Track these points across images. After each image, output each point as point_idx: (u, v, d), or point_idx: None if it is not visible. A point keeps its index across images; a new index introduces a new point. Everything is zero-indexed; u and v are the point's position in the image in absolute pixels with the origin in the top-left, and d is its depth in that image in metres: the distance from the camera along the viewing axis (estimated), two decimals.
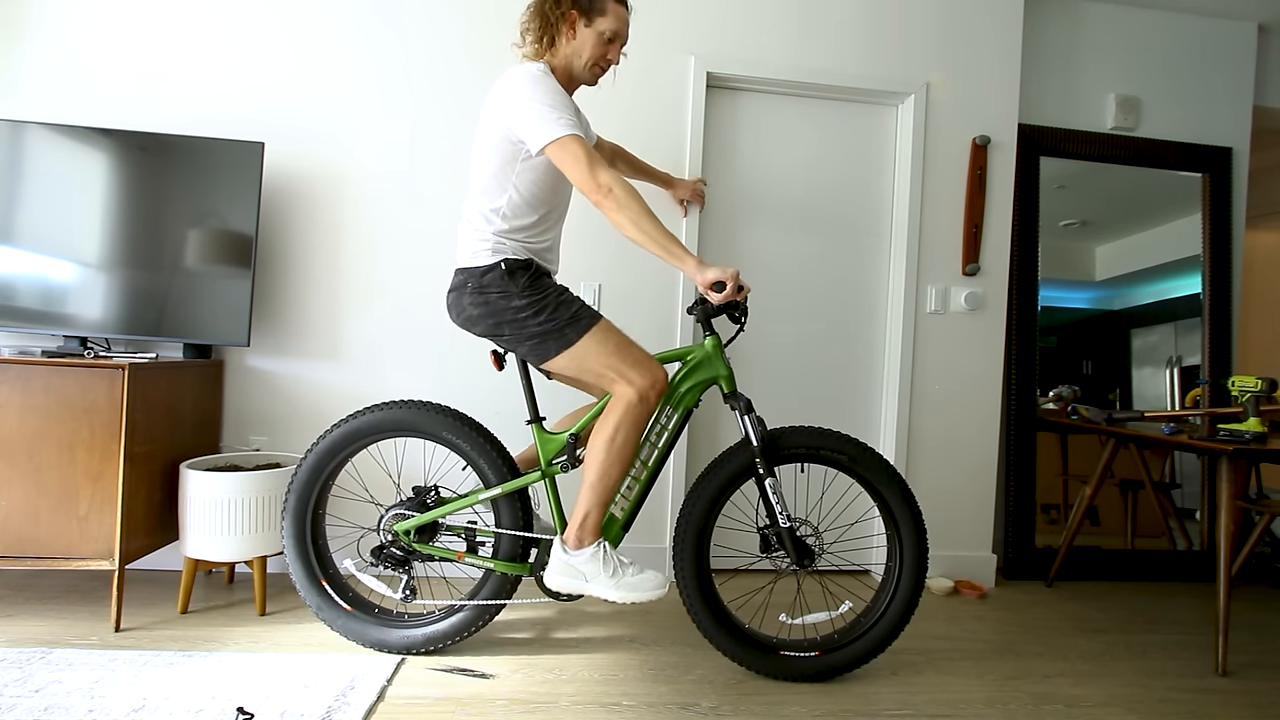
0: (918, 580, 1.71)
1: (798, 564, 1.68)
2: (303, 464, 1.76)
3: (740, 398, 1.68)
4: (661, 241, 1.48)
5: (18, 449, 1.77)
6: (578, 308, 1.61)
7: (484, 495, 1.72)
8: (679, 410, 1.70)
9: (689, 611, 1.71)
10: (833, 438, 1.71)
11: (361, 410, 1.75)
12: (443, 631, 1.75)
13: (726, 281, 1.50)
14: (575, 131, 1.48)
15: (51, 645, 1.72)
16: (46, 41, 2.22)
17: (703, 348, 1.70)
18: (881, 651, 1.72)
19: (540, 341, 1.59)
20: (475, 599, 1.76)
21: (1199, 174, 2.86)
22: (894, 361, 2.55)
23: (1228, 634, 1.95)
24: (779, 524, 1.67)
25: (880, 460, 1.71)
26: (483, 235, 1.61)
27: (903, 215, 2.54)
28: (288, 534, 1.77)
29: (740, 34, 2.44)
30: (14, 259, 2.01)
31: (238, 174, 2.08)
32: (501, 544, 1.75)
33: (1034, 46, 2.73)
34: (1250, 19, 2.86)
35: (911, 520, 1.71)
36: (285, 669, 1.64)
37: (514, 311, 1.59)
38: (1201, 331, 2.84)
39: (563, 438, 1.72)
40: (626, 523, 1.72)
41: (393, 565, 1.75)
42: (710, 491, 1.70)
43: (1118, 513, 2.79)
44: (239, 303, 2.09)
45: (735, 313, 1.64)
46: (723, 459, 1.72)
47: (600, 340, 1.58)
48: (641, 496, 1.71)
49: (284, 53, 2.30)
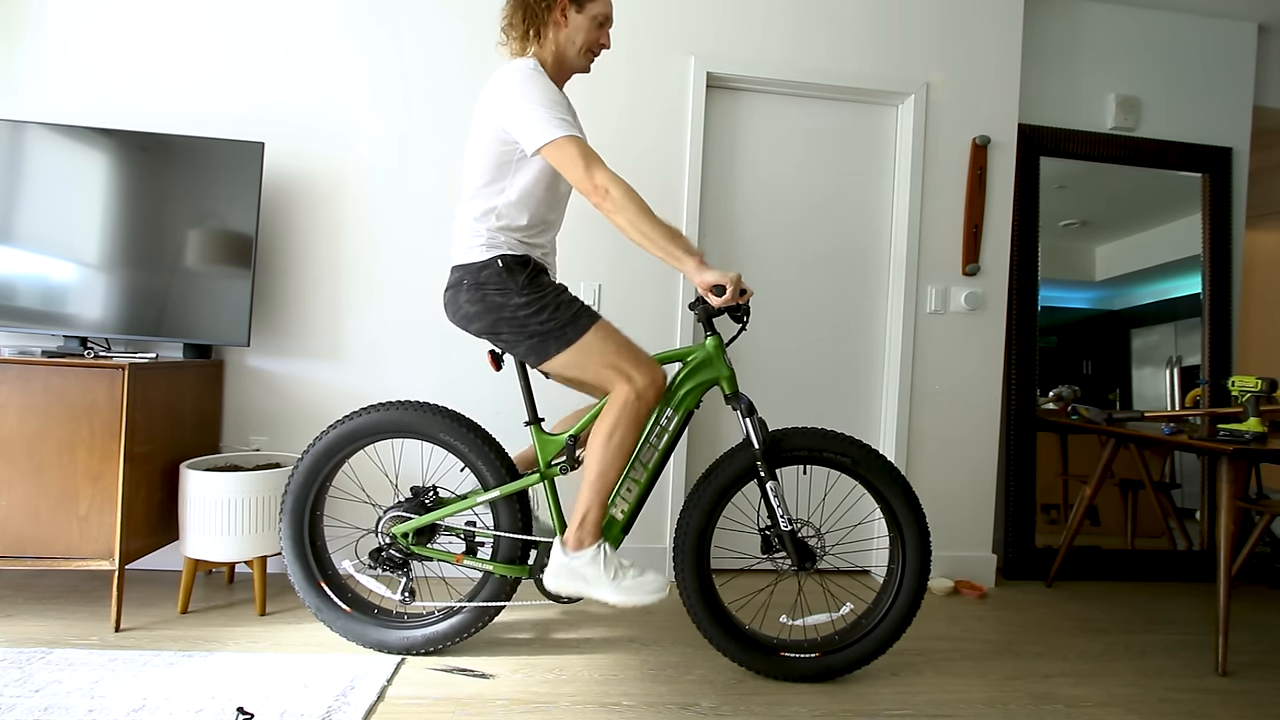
0: (920, 582, 1.70)
1: (799, 566, 1.68)
2: (299, 466, 1.76)
3: (742, 399, 1.67)
4: (661, 243, 1.46)
5: (18, 449, 1.77)
6: (578, 307, 1.60)
7: (482, 497, 1.71)
8: (679, 412, 1.68)
9: (689, 612, 1.71)
10: (836, 439, 1.70)
11: (358, 411, 1.75)
12: (442, 633, 1.75)
13: (727, 285, 1.48)
14: (572, 132, 1.47)
15: (51, 645, 1.72)
16: (46, 41, 2.22)
17: (704, 348, 1.69)
18: (882, 653, 1.72)
19: (540, 340, 1.57)
20: (474, 601, 1.76)
21: (1199, 174, 2.86)
22: (894, 361, 2.55)
23: (1228, 634, 1.95)
24: (780, 526, 1.67)
25: (884, 462, 1.71)
26: (477, 231, 1.59)
27: (903, 215, 2.54)
28: (285, 536, 1.77)
29: (740, 34, 2.44)
30: (14, 259, 2.01)
31: (238, 174, 2.08)
32: (500, 546, 1.74)
33: (1034, 46, 2.73)
34: (1250, 19, 2.86)
35: (915, 522, 1.70)
36: (285, 669, 1.64)
37: (513, 309, 1.57)
38: (1201, 331, 2.84)
39: (562, 439, 1.71)
40: (627, 524, 1.71)
41: (391, 567, 1.74)
42: (711, 493, 1.70)
43: (1118, 513, 2.79)
44: (239, 302, 2.09)
45: (738, 312, 1.63)
46: (724, 460, 1.71)
47: (600, 339, 1.57)
48: (641, 498, 1.71)
49: (283, 52, 2.30)
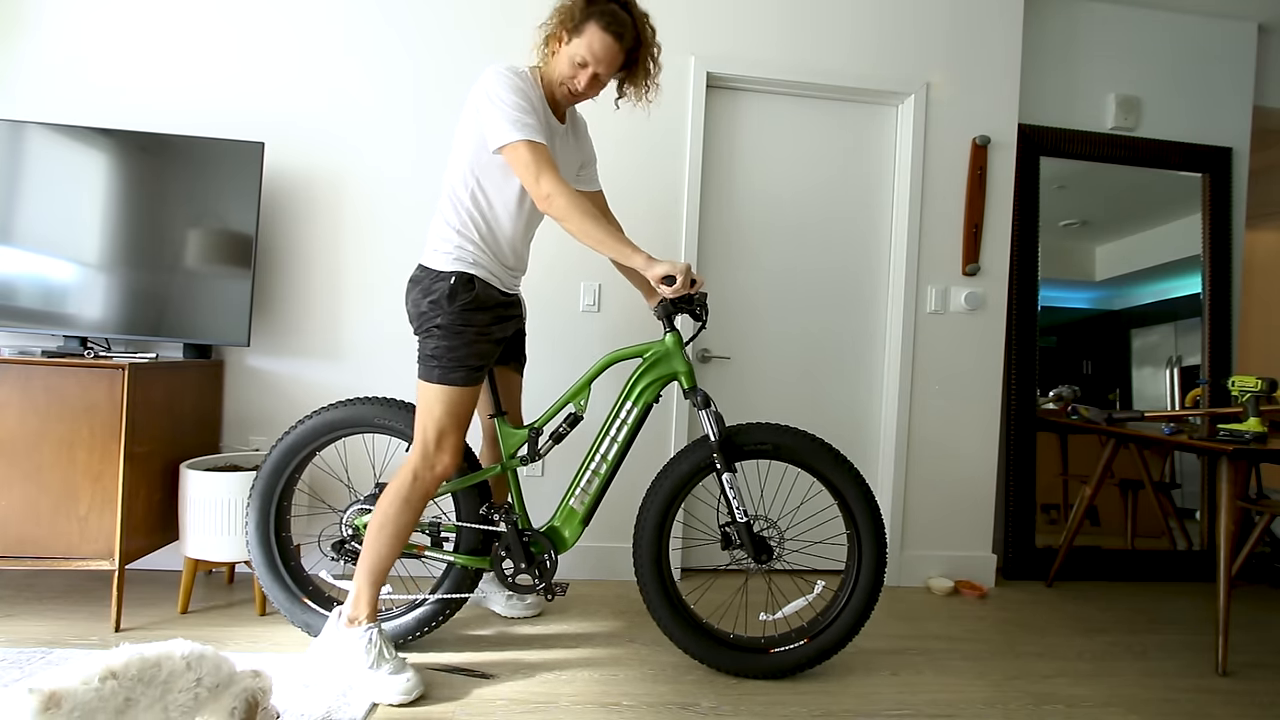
0: (878, 542, 1.71)
1: (755, 560, 1.68)
2: (264, 467, 1.79)
3: (699, 393, 1.68)
4: (610, 244, 1.50)
5: (18, 449, 1.77)
6: (463, 358, 1.58)
7: (444, 489, 1.72)
8: (639, 405, 1.71)
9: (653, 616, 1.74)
10: (787, 433, 1.72)
11: (321, 409, 1.78)
12: (408, 625, 1.76)
13: (676, 275, 1.51)
14: (528, 136, 1.48)
15: (51, 645, 1.71)
16: (46, 41, 2.22)
17: (662, 344, 1.71)
18: (866, 619, 1.72)
19: (422, 362, 1.60)
20: (437, 593, 1.77)
21: (1199, 174, 2.86)
22: (894, 361, 2.55)
23: (1228, 634, 1.95)
24: (736, 520, 1.68)
25: (833, 454, 1.72)
26: (447, 236, 1.60)
27: (903, 215, 2.54)
28: (253, 540, 1.79)
29: (740, 34, 2.44)
30: (14, 259, 2.01)
31: (238, 174, 2.08)
32: (462, 537, 1.77)
33: (1034, 46, 2.73)
34: (1250, 19, 2.86)
35: (855, 485, 1.71)
36: (285, 669, 1.63)
37: (433, 326, 1.58)
38: (1201, 331, 2.84)
39: (524, 431, 1.74)
40: (586, 517, 1.74)
41: (354, 559, 1.74)
42: (669, 488, 1.73)
43: (1118, 513, 2.79)
44: (239, 303, 2.09)
45: (695, 309, 1.66)
46: (681, 455, 1.74)
47: (439, 399, 1.58)
48: (601, 491, 1.73)
49: (283, 52, 2.29)
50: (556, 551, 1.74)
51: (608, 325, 2.42)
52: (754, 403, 2.55)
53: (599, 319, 2.41)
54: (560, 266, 2.38)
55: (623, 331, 2.41)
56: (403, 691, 1.51)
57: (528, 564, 1.73)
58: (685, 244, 2.42)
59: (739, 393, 2.55)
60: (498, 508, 1.75)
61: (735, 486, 1.67)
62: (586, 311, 2.41)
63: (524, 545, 1.73)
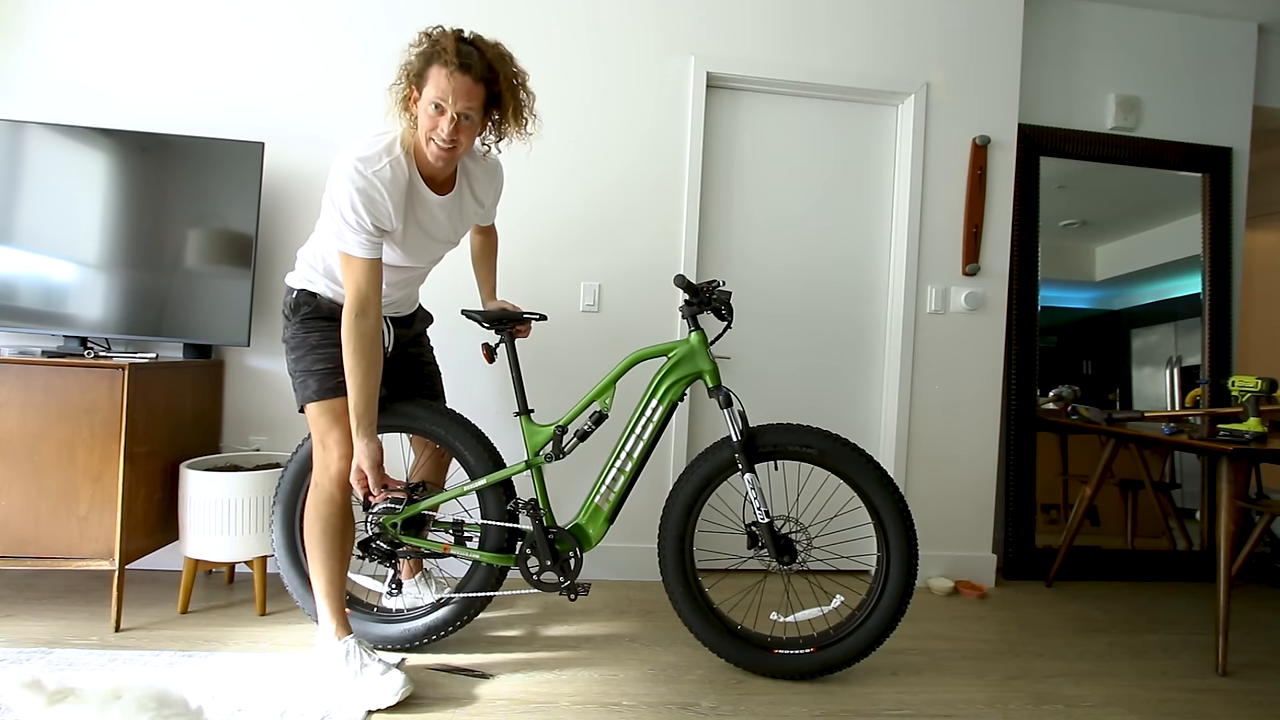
0: (909, 570, 1.68)
1: (777, 559, 1.69)
2: (287, 469, 1.79)
3: (723, 391, 1.69)
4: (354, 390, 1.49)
5: (18, 449, 1.77)
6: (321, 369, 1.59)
7: (469, 487, 1.73)
8: (664, 403, 1.72)
9: (673, 605, 1.75)
10: (807, 433, 1.71)
11: None
12: (441, 620, 1.77)
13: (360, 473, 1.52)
14: (355, 253, 1.47)
15: (51, 645, 1.72)
16: (46, 41, 2.22)
17: (687, 343, 1.72)
18: (879, 644, 1.70)
19: (294, 379, 1.63)
20: (463, 591, 1.77)
21: (1199, 174, 2.86)
22: (894, 361, 2.55)
23: (1228, 634, 1.95)
24: (759, 519, 1.69)
25: (856, 452, 1.70)
26: (306, 258, 1.64)
27: (903, 215, 2.54)
28: (278, 541, 1.79)
29: (740, 34, 2.44)
30: (14, 259, 2.01)
31: (238, 174, 2.08)
32: (488, 535, 1.77)
33: (1034, 46, 2.73)
34: (1250, 19, 2.86)
35: (895, 509, 1.68)
36: (285, 669, 1.64)
37: (287, 338, 1.65)
38: (1201, 331, 2.84)
39: (549, 429, 1.74)
40: (611, 515, 1.74)
41: (379, 558, 1.75)
42: (692, 488, 1.74)
43: (1118, 513, 2.79)
44: (239, 303, 2.09)
45: (720, 308, 1.70)
46: (704, 456, 1.75)
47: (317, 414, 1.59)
48: (626, 489, 1.73)
49: (283, 52, 2.29)
50: (582, 549, 1.75)
51: (608, 325, 2.42)
52: (755, 402, 2.55)
53: (599, 319, 2.41)
54: (560, 267, 2.38)
55: (623, 331, 2.41)
56: (392, 692, 1.52)
57: (553, 561, 1.73)
58: (685, 244, 2.42)
59: (739, 392, 2.55)
60: (523, 505, 1.76)
61: (757, 487, 1.68)
62: (587, 311, 2.41)
63: (549, 543, 1.73)
